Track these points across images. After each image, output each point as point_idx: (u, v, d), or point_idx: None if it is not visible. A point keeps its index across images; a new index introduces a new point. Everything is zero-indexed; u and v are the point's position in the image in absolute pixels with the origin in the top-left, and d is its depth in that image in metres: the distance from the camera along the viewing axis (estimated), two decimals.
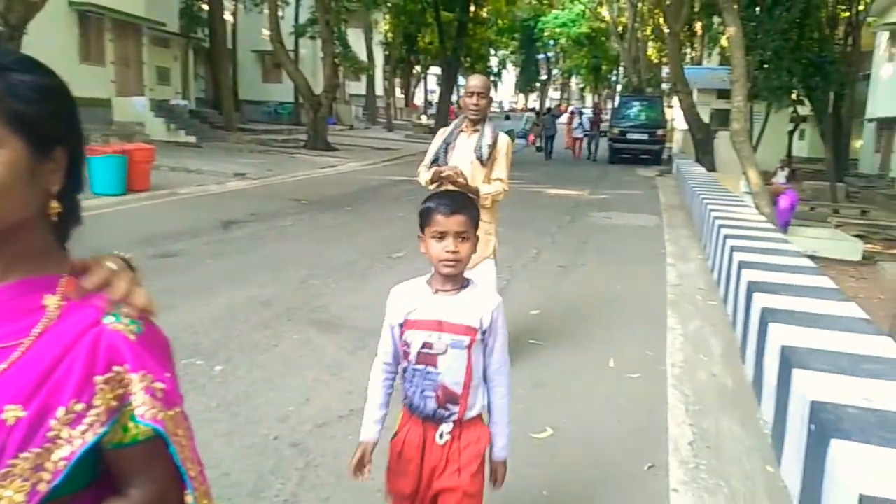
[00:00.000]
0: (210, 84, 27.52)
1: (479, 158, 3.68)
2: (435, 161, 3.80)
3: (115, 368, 0.85)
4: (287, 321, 4.80)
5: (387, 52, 40.25)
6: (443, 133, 3.91)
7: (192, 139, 18.33)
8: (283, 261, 6.61)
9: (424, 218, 1.78)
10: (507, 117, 31.08)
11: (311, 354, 4.21)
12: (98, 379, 0.84)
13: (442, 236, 1.74)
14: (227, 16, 26.52)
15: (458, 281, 1.84)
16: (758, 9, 16.29)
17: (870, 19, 22.32)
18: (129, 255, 1.01)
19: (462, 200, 1.82)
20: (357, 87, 39.16)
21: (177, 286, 5.51)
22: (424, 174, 3.80)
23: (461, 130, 3.81)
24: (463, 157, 3.72)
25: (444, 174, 3.59)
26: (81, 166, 0.92)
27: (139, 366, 0.87)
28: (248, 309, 5.01)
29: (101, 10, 17.41)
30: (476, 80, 3.75)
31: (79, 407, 0.83)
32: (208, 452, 2.95)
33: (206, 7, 24.51)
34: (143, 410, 0.86)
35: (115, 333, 0.86)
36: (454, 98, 30.22)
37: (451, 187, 3.56)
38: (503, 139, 3.77)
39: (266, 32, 21.31)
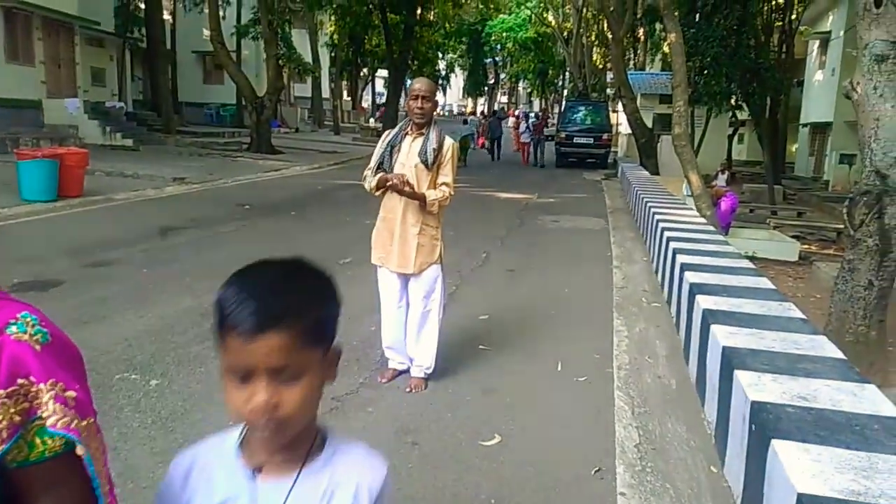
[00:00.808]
0: (148, 85, 26.68)
1: (425, 162, 3.63)
2: (380, 166, 3.72)
3: (20, 381, 0.78)
4: None
5: (333, 54, 39.87)
6: (387, 136, 3.82)
7: (128, 142, 17.70)
8: (223, 269, 6.30)
9: (218, 328, 0.94)
10: (465, 121, 30.90)
11: None
12: (0, 393, 0.77)
13: (246, 376, 0.89)
14: (166, 15, 25.78)
15: (294, 450, 0.97)
16: (697, 16, 16.78)
17: (802, 28, 23.28)
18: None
19: (286, 302, 0.92)
20: (303, 90, 38.64)
21: (110, 296, 5.28)
22: (370, 180, 3.73)
23: (406, 133, 3.74)
24: (408, 161, 3.66)
25: (389, 182, 3.56)
26: None
27: (47, 375, 0.80)
28: (185, 320, 4.82)
29: (30, 6, 16.64)
30: (420, 84, 3.67)
31: None
32: (142, 471, 2.82)
33: (143, 6, 23.77)
34: (55, 420, 0.79)
35: (19, 344, 0.79)
36: (401, 101, 30.14)
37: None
38: (448, 143, 3.73)
39: (207, 33, 20.77)
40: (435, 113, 3.86)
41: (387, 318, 3.91)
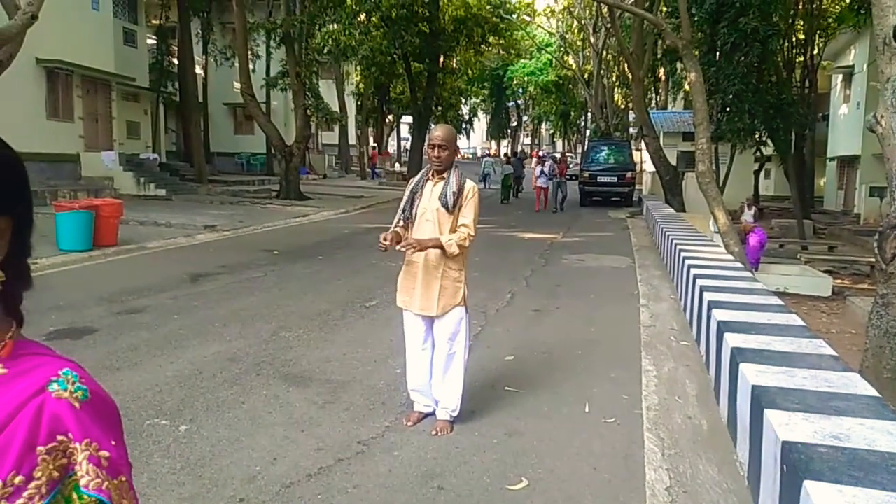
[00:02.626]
0: (181, 137, 27.52)
1: (445, 206, 3.70)
2: (403, 212, 3.82)
3: (59, 437, 0.81)
4: (255, 376, 4.69)
5: (359, 103, 40.81)
6: (412, 183, 3.93)
7: (161, 192, 18.20)
8: (252, 314, 6.50)
9: None
10: (522, 160, 28.96)
11: (280, 410, 4.10)
12: (40, 449, 0.80)
13: None
14: (198, 70, 26.71)
15: None
16: (717, 54, 16.91)
17: (824, 63, 23.27)
18: None
19: None
20: (330, 137, 39.45)
21: (141, 343, 5.38)
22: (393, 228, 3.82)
23: (428, 179, 3.83)
24: (429, 205, 3.74)
25: (404, 249, 3.67)
26: (28, 233, 0.90)
27: (83, 434, 0.82)
28: (214, 365, 4.89)
29: (70, 66, 17.43)
30: (439, 132, 3.77)
31: (18, 480, 0.78)
32: None
33: (176, 62, 24.69)
34: (87, 480, 0.81)
35: (60, 401, 0.82)
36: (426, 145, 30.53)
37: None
38: (469, 186, 3.79)
39: (237, 85, 21.46)
40: (458, 157, 3.95)
41: (412, 360, 3.93)
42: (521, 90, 59.60)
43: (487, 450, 3.62)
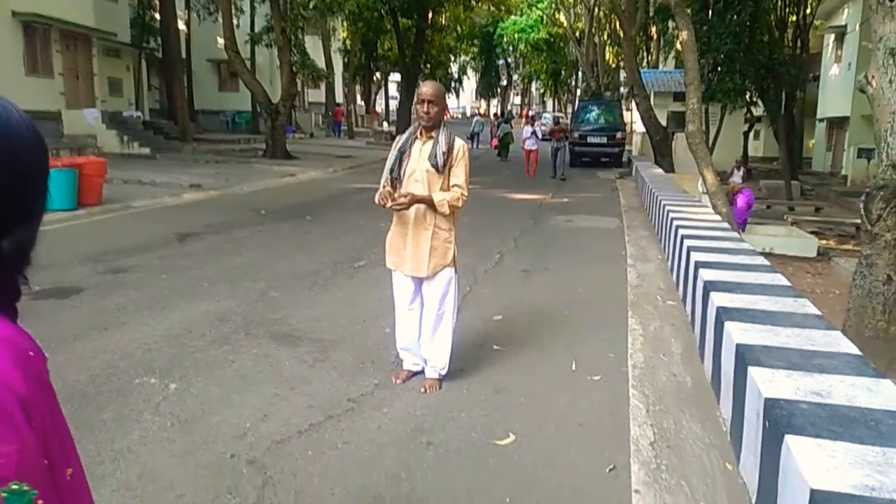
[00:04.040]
0: (164, 94, 27.00)
1: (435, 166, 3.62)
2: (391, 172, 3.74)
3: None
4: (244, 335, 4.70)
5: (346, 60, 40.09)
6: (398, 141, 3.83)
7: (145, 151, 17.94)
8: (240, 273, 6.48)
9: None
10: (508, 120, 28.99)
11: (270, 369, 4.12)
12: None
13: None
14: (181, 25, 26.07)
15: None
16: (710, 12, 16.68)
17: (817, 22, 23.05)
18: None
19: None
20: (316, 95, 38.88)
21: (129, 303, 5.36)
22: (378, 192, 3.72)
23: (416, 138, 3.74)
24: (419, 165, 3.67)
25: (394, 208, 3.61)
26: (23, 198, 0.83)
27: None
28: (203, 324, 4.88)
29: (48, 20, 16.93)
30: (427, 88, 3.67)
31: None
32: (162, 474, 2.87)
33: (157, 17, 24.06)
34: None
35: None
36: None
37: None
38: (458, 144, 3.71)
39: (221, 41, 20.99)
40: (446, 115, 3.89)
41: (401, 320, 3.94)
42: (511, 48, 58.67)
43: (475, 406, 3.67)
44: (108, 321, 4.88)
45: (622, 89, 34.33)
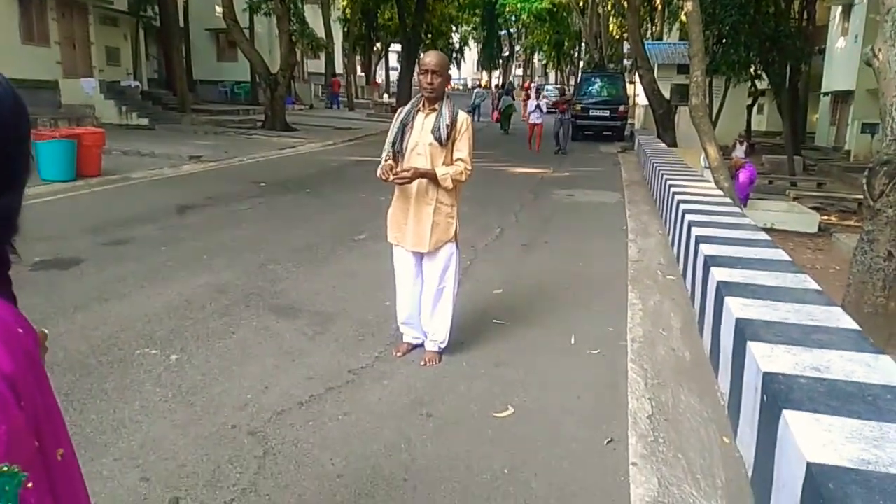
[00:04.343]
0: (162, 64, 26.68)
1: (438, 139, 3.55)
2: (393, 144, 3.65)
3: None
4: (245, 307, 4.70)
5: (346, 30, 39.56)
6: (400, 113, 3.75)
7: (144, 121, 17.79)
8: (240, 246, 6.48)
9: None
10: (509, 92, 28.49)
11: (270, 341, 4.13)
12: None
13: None
14: None
15: None
16: None
17: None
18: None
19: None
20: (316, 66, 38.43)
21: (129, 274, 5.36)
22: (380, 166, 3.64)
23: (418, 110, 3.66)
24: (421, 139, 3.59)
25: (397, 181, 3.53)
26: (3, 164, 0.81)
27: None
28: (203, 296, 4.89)
29: None
30: (430, 58, 3.57)
31: None
32: (164, 444, 2.89)
33: None
34: None
35: None
36: (415, 75, 29.86)
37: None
38: (462, 117, 3.64)
39: (219, 10, 20.68)
40: (448, 87, 3.84)
41: (402, 294, 3.92)
42: (513, 18, 57.80)
43: (475, 379, 3.69)
44: (109, 292, 4.89)
45: (626, 61, 33.98)
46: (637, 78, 24.31)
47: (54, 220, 7.28)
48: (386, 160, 3.65)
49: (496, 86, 40.57)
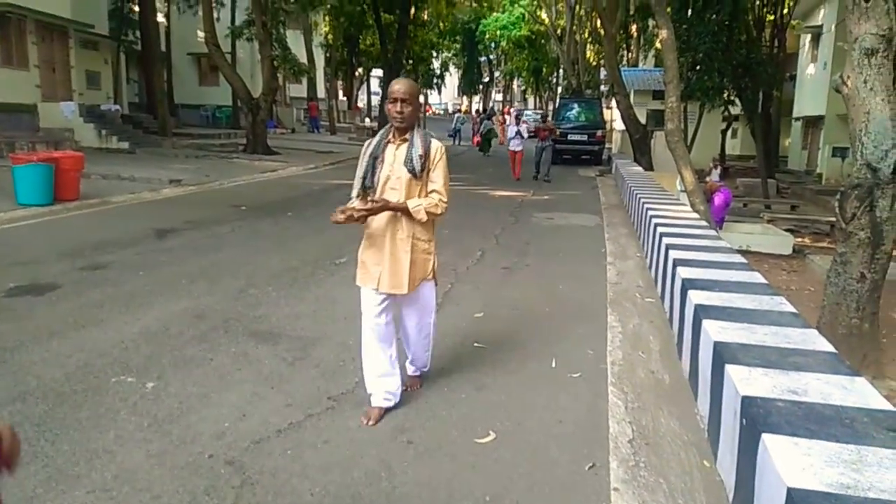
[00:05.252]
0: (143, 88, 26.63)
1: (412, 171, 3.28)
2: (363, 179, 3.36)
3: None
4: (223, 333, 4.65)
5: (328, 55, 39.85)
6: (368, 146, 3.44)
7: (124, 145, 17.68)
8: (220, 270, 6.42)
9: None
10: (490, 117, 30.46)
11: (249, 367, 4.08)
12: None
13: None
14: (160, 18, 25.71)
15: None
16: (689, 12, 16.80)
17: (793, 22, 23.32)
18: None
19: None
20: (298, 90, 38.57)
21: (106, 300, 5.28)
22: (352, 202, 3.37)
23: (389, 141, 3.37)
24: (393, 172, 3.32)
25: (368, 212, 3.25)
26: None
27: None
28: (182, 322, 4.83)
29: (23, 10, 16.62)
30: (399, 85, 3.30)
31: None
32: (138, 474, 2.83)
33: (137, 9, 23.71)
34: None
35: None
36: None
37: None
38: (435, 146, 3.36)
39: (201, 34, 20.75)
40: (429, 112, 3.77)
41: (370, 343, 3.47)
42: (493, 45, 58.61)
43: (456, 404, 3.67)
44: (85, 318, 4.81)
45: (603, 87, 34.51)
46: (614, 103, 24.71)
47: (30, 245, 7.17)
48: (357, 197, 3.38)
49: (477, 110, 41.05)
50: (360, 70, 48.03)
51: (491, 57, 66.89)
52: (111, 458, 2.98)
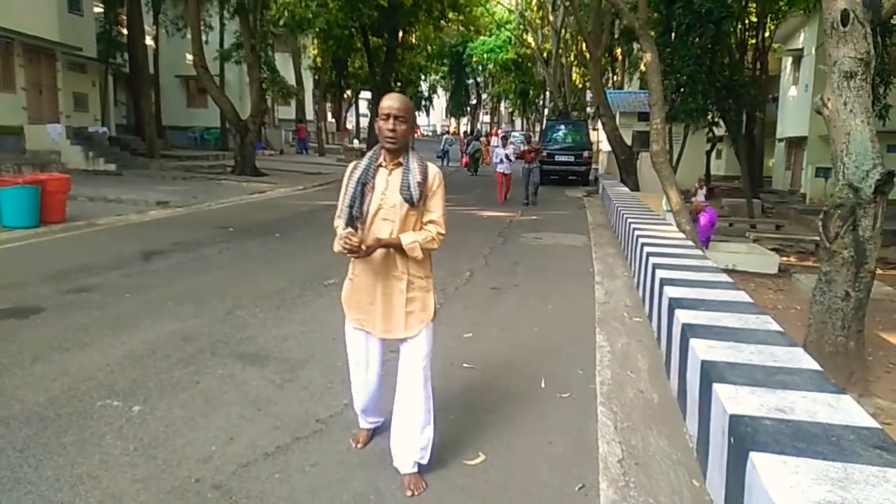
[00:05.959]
0: (131, 110, 26.64)
1: (409, 200, 2.86)
2: (350, 208, 2.94)
3: None
4: (210, 356, 4.62)
5: (316, 77, 40.09)
6: (354, 169, 3.00)
7: (111, 167, 17.63)
8: (207, 292, 6.39)
9: None
10: (477, 138, 31.67)
11: (236, 390, 4.05)
12: None
13: None
14: (148, 41, 25.79)
15: None
16: (673, 35, 17.07)
17: (775, 46, 23.79)
18: None
19: None
20: (287, 112, 38.74)
21: (92, 322, 5.23)
22: (339, 235, 2.92)
23: (380, 165, 2.95)
24: (386, 200, 2.90)
25: (360, 252, 2.83)
26: None
27: None
28: (168, 345, 4.79)
29: (10, 33, 16.63)
30: (391, 101, 2.89)
31: None
32: (124, 500, 2.79)
33: (125, 32, 23.78)
34: None
35: None
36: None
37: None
38: (433, 172, 2.95)
39: (189, 57, 20.83)
40: (416, 133, 3.60)
41: (358, 382, 3.23)
42: (480, 67, 59.35)
43: (445, 426, 3.64)
44: (70, 342, 4.76)
45: (589, 109, 34.89)
46: (600, 125, 24.99)
47: (15, 268, 7.11)
48: (343, 227, 2.93)
49: (464, 132, 41.36)
50: (349, 92, 48.38)
51: (478, 79, 67.71)
52: (96, 483, 2.94)
